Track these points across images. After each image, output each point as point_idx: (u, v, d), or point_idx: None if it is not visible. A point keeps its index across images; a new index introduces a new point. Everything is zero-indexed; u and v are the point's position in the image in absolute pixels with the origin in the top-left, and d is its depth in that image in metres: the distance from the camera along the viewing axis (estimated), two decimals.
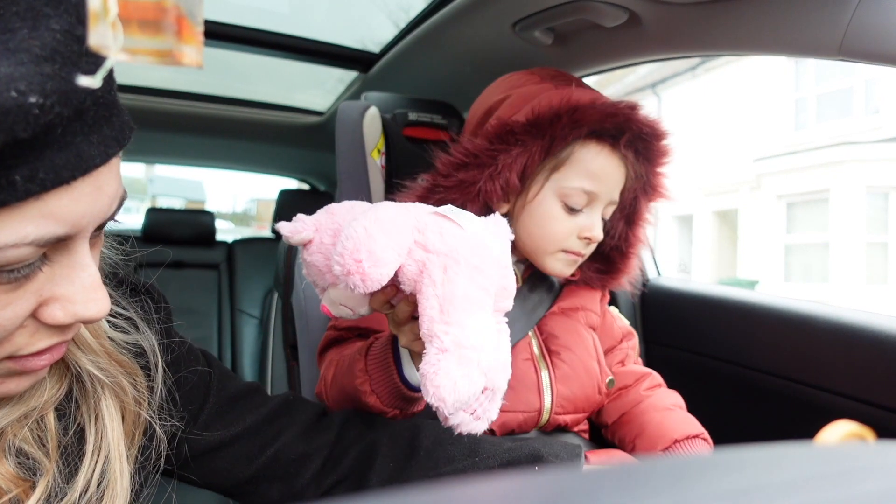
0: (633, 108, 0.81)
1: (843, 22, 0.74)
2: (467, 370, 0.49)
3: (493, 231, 0.59)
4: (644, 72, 12.21)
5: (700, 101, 11.61)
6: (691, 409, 0.92)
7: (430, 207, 0.60)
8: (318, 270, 0.64)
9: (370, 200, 1.06)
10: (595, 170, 0.82)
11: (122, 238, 0.57)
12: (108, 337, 0.53)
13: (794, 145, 10.43)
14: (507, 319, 0.60)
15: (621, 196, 0.88)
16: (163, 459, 0.57)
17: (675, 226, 12.57)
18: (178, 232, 2.52)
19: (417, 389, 0.69)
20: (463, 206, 0.78)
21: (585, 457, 0.85)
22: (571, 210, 0.83)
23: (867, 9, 0.72)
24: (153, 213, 2.58)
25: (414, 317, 0.59)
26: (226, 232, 5.20)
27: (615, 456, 0.86)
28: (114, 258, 0.56)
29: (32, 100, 0.32)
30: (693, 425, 0.87)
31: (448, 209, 0.59)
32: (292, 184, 3.12)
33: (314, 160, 2.68)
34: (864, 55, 0.75)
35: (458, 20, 1.19)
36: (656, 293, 1.32)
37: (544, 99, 0.81)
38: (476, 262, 0.54)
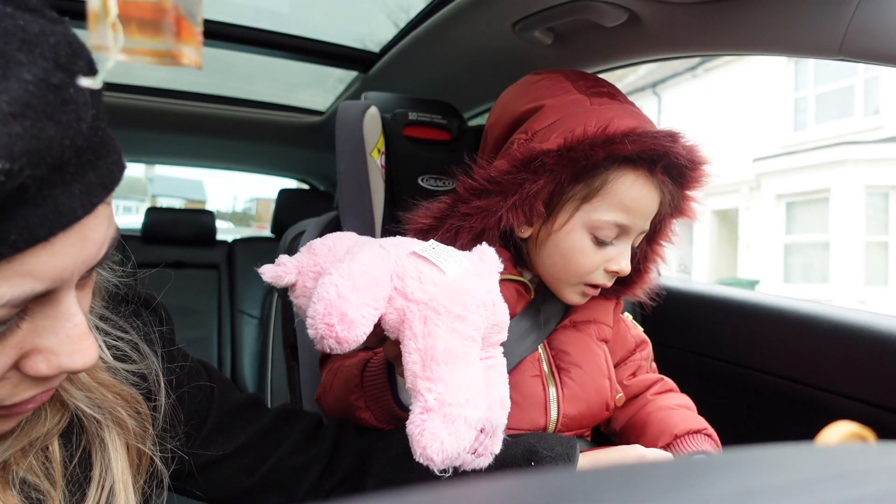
0: (673, 139, 0.75)
1: (843, 22, 0.74)
2: (454, 428, 0.48)
3: (478, 269, 0.57)
4: (644, 72, 12.21)
5: (700, 101, 11.61)
6: None
7: (412, 245, 0.58)
8: (303, 313, 0.62)
9: (370, 200, 1.06)
10: (629, 202, 0.77)
11: (122, 256, 0.55)
12: (109, 367, 0.52)
13: (793, 145, 10.43)
14: (502, 350, 0.59)
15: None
16: (164, 484, 0.56)
17: (675, 226, 12.56)
18: (178, 232, 2.52)
19: None
20: (482, 232, 0.77)
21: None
22: (600, 243, 0.78)
23: (867, 9, 0.72)
24: (153, 212, 2.58)
25: None
26: (225, 232, 5.19)
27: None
28: (114, 279, 0.54)
29: None
30: (696, 421, 0.86)
31: (430, 247, 0.57)
32: (292, 184, 3.12)
33: (314, 160, 2.68)
34: (864, 55, 0.75)
35: (458, 20, 1.19)
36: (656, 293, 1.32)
37: (579, 124, 0.75)
38: (457, 310, 0.52)
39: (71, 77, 0.32)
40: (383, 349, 0.62)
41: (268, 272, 0.62)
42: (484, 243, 0.61)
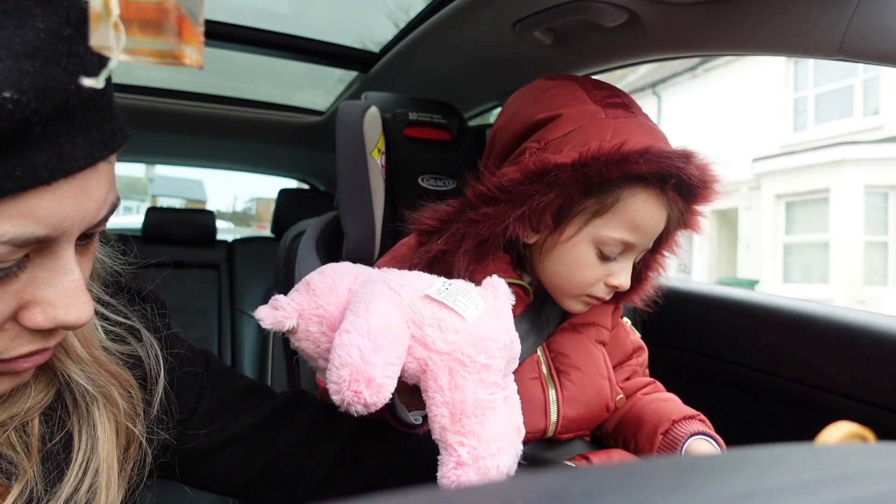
0: (687, 159, 0.75)
1: (843, 22, 0.74)
2: (487, 479, 0.47)
3: (495, 307, 0.55)
4: (644, 72, 12.21)
5: (699, 101, 11.61)
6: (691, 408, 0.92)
7: (423, 285, 0.56)
8: (308, 356, 0.60)
9: (370, 200, 1.06)
10: (639, 221, 0.77)
11: (124, 247, 0.55)
12: (103, 347, 0.52)
13: (793, 145, 10.43)
14: (513, 377, 0.58)
15: None
16: (147, 470, 0.55)
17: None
18: (178, 232, 2.52)
19: (410, 426, 0.68)
20: (486, 239, 0.76)
21: (587, 458, 0.84)
22: (605, 258, 0.79)
23: (867, 9, 0.72)
24: (153, 212, 2.58)
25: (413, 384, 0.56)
26: (225, 231, 5.19)
27: (615, 455, 0.86)
28: (114, 266, 0.54)
29: (7, 94, 0.31)
30: (689, 410, 0.87)
31: (443, 288, 0.56)
32: (292, 184, 3.12)
33: (314, 160, 2.68)
34: (864, 55, 0.75)
35: (458, 20, 1.19)
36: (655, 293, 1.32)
37: (594, 137, 0.75)
38: (482, 359, 0.51)
39: (81, 37, 0.34)
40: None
41: (267, 318, 0.59)
42: (494, 276, 0.61)
